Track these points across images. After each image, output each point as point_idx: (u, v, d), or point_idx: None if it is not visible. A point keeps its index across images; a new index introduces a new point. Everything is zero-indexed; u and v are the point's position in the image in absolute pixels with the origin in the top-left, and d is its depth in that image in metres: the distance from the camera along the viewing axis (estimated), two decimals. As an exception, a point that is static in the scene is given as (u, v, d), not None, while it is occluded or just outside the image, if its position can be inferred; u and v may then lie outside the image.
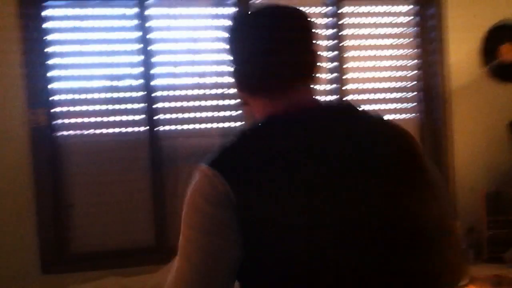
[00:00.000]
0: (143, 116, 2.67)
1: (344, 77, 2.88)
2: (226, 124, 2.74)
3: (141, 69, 2.66)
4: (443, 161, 2.92)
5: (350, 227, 0.97)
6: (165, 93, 2.69)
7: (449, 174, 2.90)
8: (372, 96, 2.94)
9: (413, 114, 2.99)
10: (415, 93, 2.99)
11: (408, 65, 2.98)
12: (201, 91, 2.73)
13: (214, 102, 2.74)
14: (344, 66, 2.88)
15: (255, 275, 1.00)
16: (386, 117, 1.16)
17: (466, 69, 2.95)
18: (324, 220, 0.96)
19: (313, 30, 1.17)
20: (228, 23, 1.18)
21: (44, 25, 2.56)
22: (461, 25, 2.92)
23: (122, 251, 2.65)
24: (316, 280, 0.95)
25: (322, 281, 0.95)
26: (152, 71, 2.67)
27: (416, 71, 2.99)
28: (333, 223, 0.96)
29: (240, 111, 2.73)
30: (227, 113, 2.75)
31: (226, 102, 2.75)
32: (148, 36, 2.65)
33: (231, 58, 1.17)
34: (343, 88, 2.87)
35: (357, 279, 0.97)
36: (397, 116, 2.97)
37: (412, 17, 2.98)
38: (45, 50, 2.56)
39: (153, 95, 2.67)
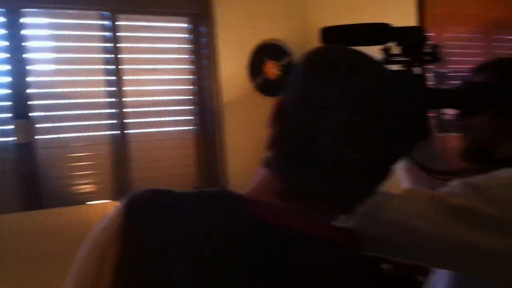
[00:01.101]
0: None
1: (122, 89, 2.93)
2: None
3: None
4: (217, 171, 3.15)
5: None
6: None
7: (223, 182, 3.15)
8: (150, 109, 3.03)
9: (189, 127, 3.17)
10: (191, 106, 3.17)
11: (184, 79, 3.15)
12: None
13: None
14: (123, 79, 2.93)
15: None
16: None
17: (236, 84, 3.22)
18: None
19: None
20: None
21: None
22: (230, 44, 3.18)
23: None
24: None
25: None
26: None
27: (191, 86, 3.16)
28: None
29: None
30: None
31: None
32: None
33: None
34: (122, 100, 2.92)
35: None
36: (175, 129, 3.12)
37: (186, 35, 3.15)
38: None
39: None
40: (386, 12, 2.84)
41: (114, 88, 2.91)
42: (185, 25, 3.15)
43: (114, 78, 2.90)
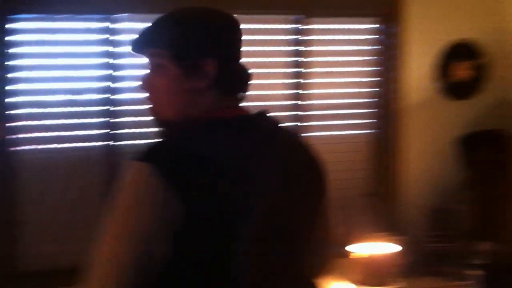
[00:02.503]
0: (101, 131, 2.67)
1: (303, 92, 2.94)
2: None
3: (104, 83, 2.66)
4: (391, 177, 3.06)
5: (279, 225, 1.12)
6: (125, 108, 2.70)
7: (397, 190, 3.05)
8: (329, 112, 3.02)
9: (368, 131, 3.09)
10: (372, 110, 3.09)
11: (365, 82, 3.07)
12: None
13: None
14: (304, 82, 2.93)
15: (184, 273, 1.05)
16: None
17: (421, 87, 3.05)
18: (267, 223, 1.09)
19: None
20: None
21: (7, 38, 2.54)
22: (418, 44, 3.01)
23: (73, 270, 2.62)
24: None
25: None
26: (115, 86, 2.68)
27: (372, 88, 3.08)
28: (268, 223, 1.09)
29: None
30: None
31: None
32: (113, 50, 2.66)
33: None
34: (303, 103, 2.94)
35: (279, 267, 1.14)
36: (352, 132, 3.07)
37: (373, 36, 3.06)
38: (5, 64, 2.54)
39: (113, 109, 2.68)
40: None
41: (295, 91, 2.94)
42: (374, 26, 3.05)
43: (297, 81, 2.93)
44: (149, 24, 1.22)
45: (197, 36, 1.15)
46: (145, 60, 1.24)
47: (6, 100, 2.56)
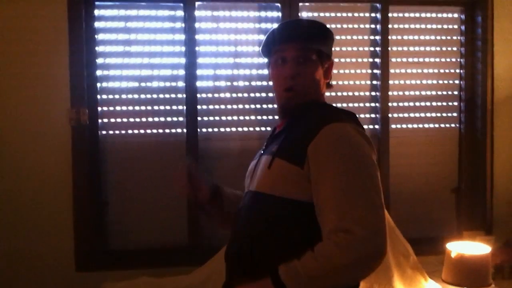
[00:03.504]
0: (183, 118, 2.69)
1: (386, 83, 2.83)
2: (264, 128, 2.73)
3: (184, 71, 2.68)
4: (482, 173, 2.88)
5: None
6: (206, 95, 2.71)
7: (488, 186, 2.86)
8: (413, 104, 2.89)
9: (453, 125, 2.94)
10: (457, 103, 2.93)
11: (452, 73, 2.92)
12: (241, 94, 2.72)
13: (253, 106, 2.73)
14: (388, 72, 2.83)
15: None
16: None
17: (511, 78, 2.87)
18: None
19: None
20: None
21: (94, 25, 2.61)
22: (509, 32, 2.84)
23: (156, 250, 2.70)
24: None
25: None
26: (195, 73, 2.68)
27: (459, 81, 2.92)
28: None
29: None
30: (265, 117, 2.73)
31: (265, 106, 2.73)
32: (193, 38, 2.66)
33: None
34: (385, 94, 2.83)
35: None
36: (438, 126, 2.93)
37: (458, 25, 2.91)
38: (93, 49, 2.60)
39: (195, 96, 2.68)
40: None
41: (377, 82, 2.83)
42: (458, 15, 2.91)
43: (378, 71, 2.82)
44: (300, 23, 1.71)
45: (331, 43, 1.64)
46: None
47: (93, 85, 2.63)
